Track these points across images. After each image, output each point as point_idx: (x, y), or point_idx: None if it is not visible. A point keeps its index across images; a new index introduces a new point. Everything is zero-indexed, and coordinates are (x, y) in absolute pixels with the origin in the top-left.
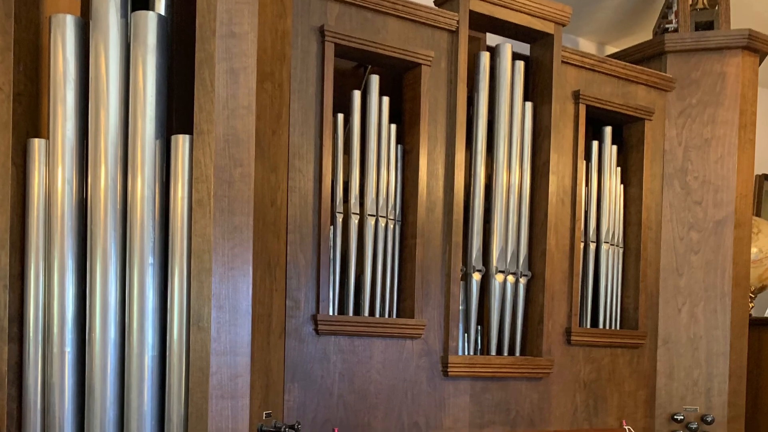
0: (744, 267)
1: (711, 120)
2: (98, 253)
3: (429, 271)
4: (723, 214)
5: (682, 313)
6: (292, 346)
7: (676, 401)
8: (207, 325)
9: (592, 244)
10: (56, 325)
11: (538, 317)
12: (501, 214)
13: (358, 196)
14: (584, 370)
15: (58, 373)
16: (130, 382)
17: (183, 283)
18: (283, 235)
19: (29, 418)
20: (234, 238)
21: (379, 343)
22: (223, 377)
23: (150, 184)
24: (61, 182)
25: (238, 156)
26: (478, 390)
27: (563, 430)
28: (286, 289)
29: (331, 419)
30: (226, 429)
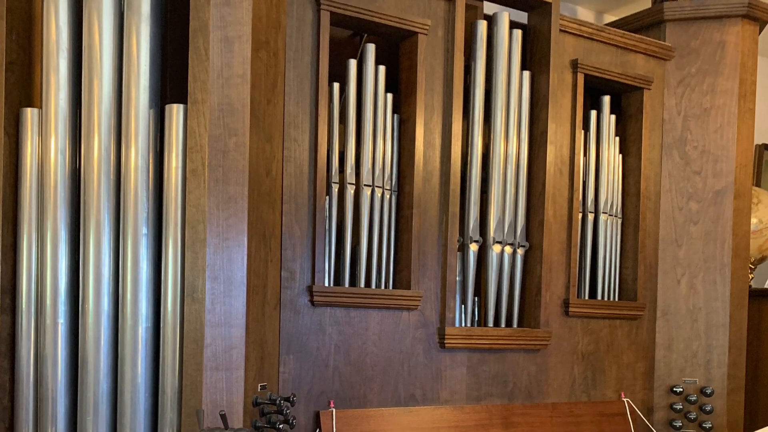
0: (744, 238)
1: (710, 89)
2: (91, 223)
3: (425, 241)
4: (722, 185)
5: (681, 284)
6: (287, 317)
7: (675, 373)
8: (201, 296)
9: (591, 214)
10: (49, 296)
11: (535, 288)
12: (498, 184)
13: (354, 166)
14: (582, 342)
15: (51, 344)
16: (124, 353)
17: (177, 254)
18: (279, 205)
19: (22, 390)
20: (229, 208)
21: (375, 314)
22: (218, 349)
23: (144, 154)
24: (54, 152)
25: (232, 125)
26: (475, 362)
27: (561, 402)
28: (282, 260)
29: (327, 391)
30: (221, 401)
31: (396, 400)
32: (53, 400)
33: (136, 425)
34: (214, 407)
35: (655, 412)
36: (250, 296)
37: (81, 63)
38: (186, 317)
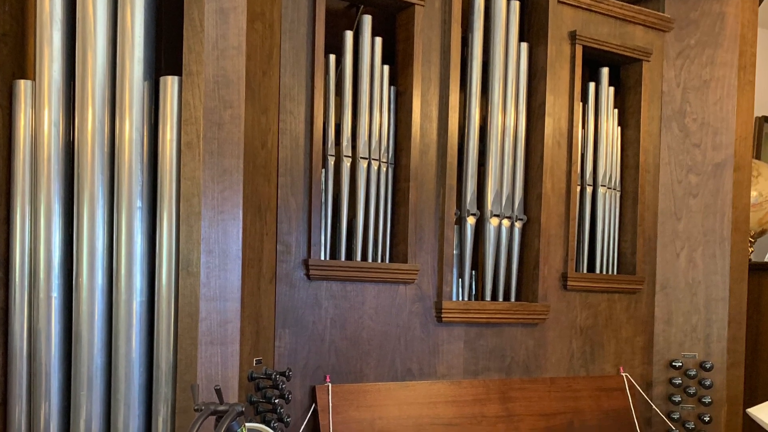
0: (743, 211)
1: (710, 61)
2: (85, 196)
3: (422, 215)
4: (722, 157)
5: (680, 257)
6: (282, 291)
7: (675, 348)
8: (196, 270)
9: (589, 187)
10: (43, 270)
11: (533, 262)
12: (496, 157)
13: (350, 139)
14: (581, 316)
15: (44, 318)
16: (118, 328)
17: (172, 227)
18: (274, 178)
19: (15, 365)
20: (224, 181)
21: (372, 288)
22: (213, 323)
23: (138, 127)
24: (47, 124)
25: (227, 97)
26: (472, 336)
27: (559, 377)
28: (277, 234)
29: (323, 366)
30: (216, 376)
31: (393, 374)
32: (47, 375)
33: (130, 400)
34: (209, 382)
35: (654, 387)
36: (246, 270)
37: (75, 35)
38: (181, 291)
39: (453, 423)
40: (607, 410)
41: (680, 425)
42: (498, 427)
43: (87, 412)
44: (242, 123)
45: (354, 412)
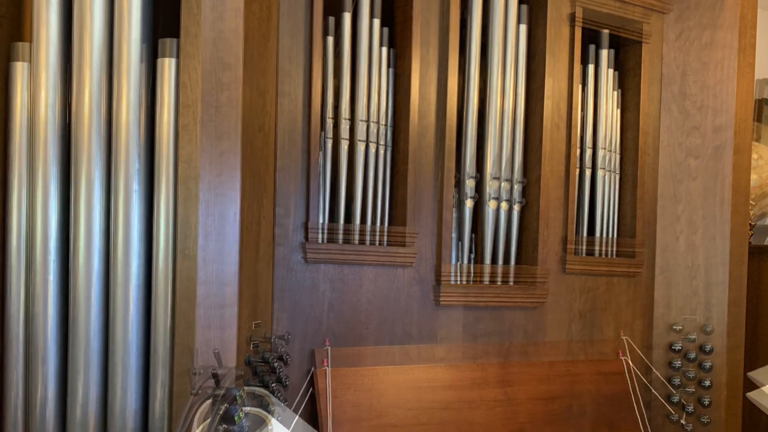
0: (743, 194)
1: (710, 43)
2: (82, 180)
3: (421, 197)
4: (722, 140)
5: (680, 241)
6: (280, 275)
7: (674, 331)
8: (193, 253)
9: (588, 170)
10: (39, 253)
11: (532, 245)
12: (494, 139)
13: (348, 121)
14: (580, 300)
15: (41, 302)
16: (115, 312)
17: (169, 210)
18: (272, 160)
19: (11, 349)
20: (221, 164)
21: (370, 271)
22: (210, 307)
23: (135, 109)
24: (44, 107)
25: (225, 80)
26: (471, 319)
27: (558, 360)
28: (275, 217)
29: (321, 350)
30: (212, 360)
31: (391, 358)
32: (43, 359)
33: (127, 384)
34: (205, 365)
35: (654, 370)
36: (243, 253)
37: (71, 17)
38: (178, 275)
39: (451, 407)
40: (606, 394)
41: (680, 408)
42: (496, 411)
43: (83, 396)
44: (240, 106)
45: (352, 396)
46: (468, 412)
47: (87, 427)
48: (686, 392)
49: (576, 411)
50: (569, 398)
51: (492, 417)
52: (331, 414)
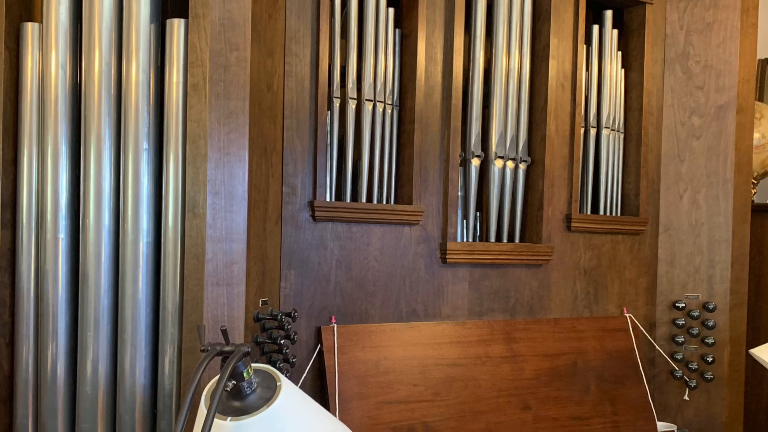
0: (746, 153)
1: (713, 3)
2: (92, 138)
3: (427, 156)
4: (725, 99)
5: (683, 199)
6: (288, 232)
7: (678, 289)
8: (202, 211)
9: (593, 129)
10: (50, 211)
11: (537, 203)
12: (500, 99)
13: (355, 81)
14: (584, 257)
15: (51, 259)
16: (125, 269)
17: (178, 169)
18: (280, 120)
19: (22, 306)
20: (230, 123)
21: (377, 229)
22: (219, 264)
23: (145, 69)
24: (54, 67)
25: (233, 40)
26: (476, 277)
27: (563, 317)
28: (283, 175)
29: (328, 307)
30: (222, 316)
31: (397, 315)
32: (54, 316)
33: (136, 340)
34: (215, 322)
35: (658, 328)
36: (251, 211)
37: None
38: (187, 232)
39: (457, 363)
40: (610, 351)
41: (683, 365)
42: (502, 368)
43: (94, 353)
44: (248, 65)
45: (359, 353)
46: (474, 368)
47: (97, 383)
48: (690, 349)
49: (581, 367)
50: (574, 354)
51: (498, 373)
52: (338, 370)
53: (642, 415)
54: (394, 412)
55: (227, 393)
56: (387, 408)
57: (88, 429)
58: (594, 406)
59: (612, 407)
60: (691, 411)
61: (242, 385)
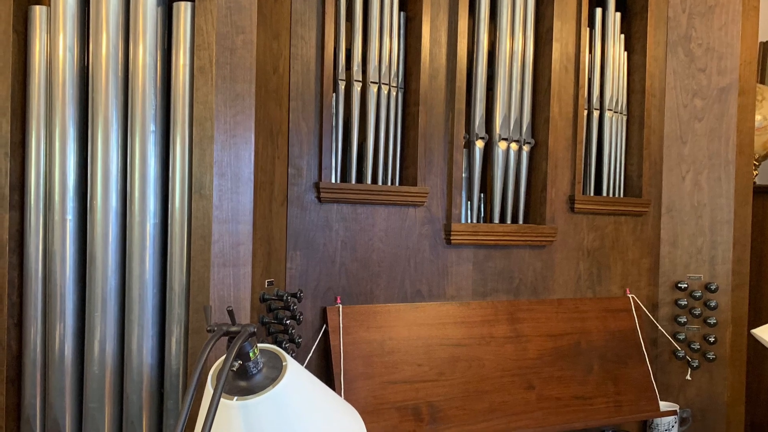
0: (748, 134)
1: None
2: (100, 120)
3: (432, 138)
4: (727, 81)
5: (685, 181)
6: (294, 213)
7: (680, 269)
8: (209, 192)
9: (596, 111)
10: (57, 192)
11: (541, 185)
12: (504, 81)
13: (360, 64)
14: (588, 238)
15: (59, 241)
16: (132, 250)
17: (185, 150)
18: (286, 102)
19: (30, 286)
20: (236, 105)
21: (382, 210)
22: (225, 245)
23: (152, 52)
24: (62, 49)
25: (240, 23)
26: (481, 258)
27: (566, 298)
28: (289, 157)
29: (334, 287)
30: (228, 297)
31: (402, 296)
32: (61, 296)
33: (144, 321)
34: (221, 303)
35: (660, 308)
36: (258, 193)
37: None
38: (194, 213)
39: (462, 343)
40: (613, 331)
41: (685, 345)
42: (506, 348)
43: (101, 333)
44: (254, 48)
45: (364, 333)
46: (478, 348)
47: (104, 363)
48: (692, 329)
49: (584, 347)
50: (577, 335)
51: (502, 353)
52: (343, 350)
53: (644, 394)
54: (399, 391)
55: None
56: (392, 388)
57: (95, 408)
58: (597, 386)
59: (615, 387)
60: (693, 391)
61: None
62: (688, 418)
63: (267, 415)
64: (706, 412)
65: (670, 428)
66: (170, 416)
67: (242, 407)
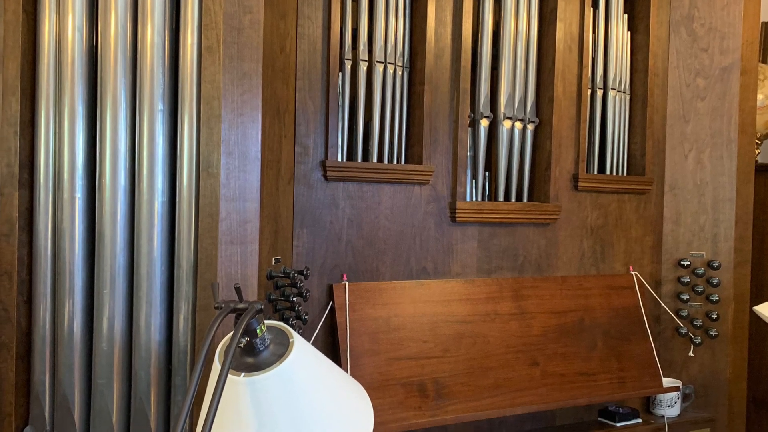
0: (750, 113)
1: None
2: (108, 99)
3: (437, 117)
4: (729, 61)
5: (688, 159)
6: (300, 192)
7: (683, 247)
8: (216, 171)
9: (599, 90)
10: (66, 171)
11: (545, 163)
12: (509, 61)
13: (366, 43)
14: (591, 216)
15: (68, 219)
16: (140, 227)
17: (192, 129)
18: (292, 81)
19: (40, 264)
20: (243, 84)
21: (388, 189)
22: (233, 223)
23: (160, 31)
24: (71, 29)
25: (247, 2)
26: (485, 236)
27: (570, 275)
28: (295, 136)
29: (340, 265)
30: (236, 274)
31: (408, 273)
32: (70, 274)
33: (152, 298)
34: (228, 280)
35: (663, 285)
36: (264, 171)
37: None
38: (201, 192)
39: (467, 320)
40: (616, 308)
41: (688, 322)
42: (511, 325)
43: (110, 310)
44: (261, 28)
45: (370, 310)
46: (483, 325)
47: (113, 339)
48: (694, 306)
49: (588, 324)
50: (581, 312)
51: (506, 330)
52: (350, 327)
53: (647, 371)
54: (405, 368)
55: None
56: (397, 364)
57: (104, 384)
58: (600, 363)
59: (618, 363)
60: (695, 367)
61: (255, 342)
62: (690, 394)
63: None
64: (709, 388)
65: (673, 404)
66: (178, 392)
67: (249, 383)
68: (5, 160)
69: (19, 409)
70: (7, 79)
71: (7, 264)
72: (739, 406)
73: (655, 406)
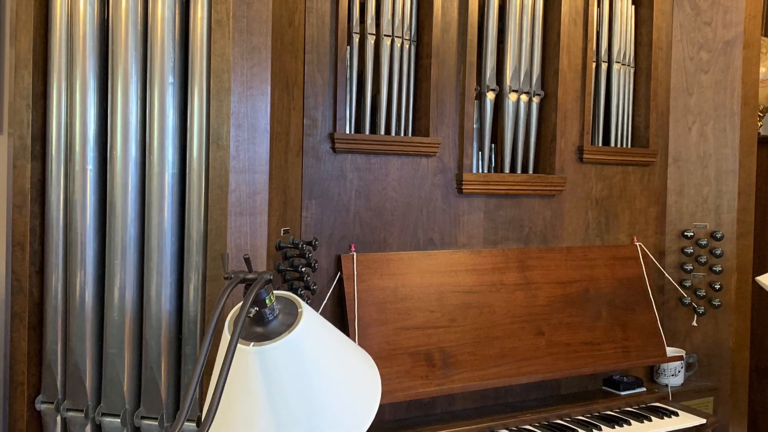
0: (753, 86)
1: None
2: (119, 72)
3: (444, 90)
4: (732, 35)
5: (692, 131)
6: (309, 164)
7: (687, 218)
8: (226, 143)
9: (604, 63)
10: (78, 143)
11: (550, 135)
12: (515, 34)
13: (374, 17)
14: (596, 188)
15: (80, 190)
16: (151, 199)
17: (203, 102)
18: (301, 55)
19: (52, 235)
20: (252, 57)
21: (395, 161)
22: (242, 194)
23: (170, 5)
24: (83, 3)
25: None
26: (491, 207)
27: (575, 246)
28: (304, 108)
29: (348, 236)
30: (245, 245)
31: (415, 244)
32: (82, 245)
33: (162, 268)
34: (238, 251)
35: (667, 256)
36: (273, 143)
37: None
38: (211, 163)
39: (473, 290)
40: (621, 278)
41: (692, 292)
42: (516, 295)
43: (121, 280)
44: (270, 1)
45: (377, 280)
46: (489, 295)
47: (124, 309)
48: (698, 277)
49: (592, 294)
50: (586, 282)
51: (512, 300)
52: (357, 297)
53: (651, 340)
54: (412, 337)
55: (250, 319)
56: (405, 334)
57: (115, 354)
58: (605, 332)
59: (623, 333)
60: (699, 337)
61: (264, 312)
62: (694, 363)
63: (283, 360)
64: (712, 358)
65: (677, 373)
66: (188, 361)
67: (258, 353)
68: (18, 132)
69: (31, 378)
70: (20, 52)
71: (20, 235)
72: (742, 375)
73: (659, 375)
